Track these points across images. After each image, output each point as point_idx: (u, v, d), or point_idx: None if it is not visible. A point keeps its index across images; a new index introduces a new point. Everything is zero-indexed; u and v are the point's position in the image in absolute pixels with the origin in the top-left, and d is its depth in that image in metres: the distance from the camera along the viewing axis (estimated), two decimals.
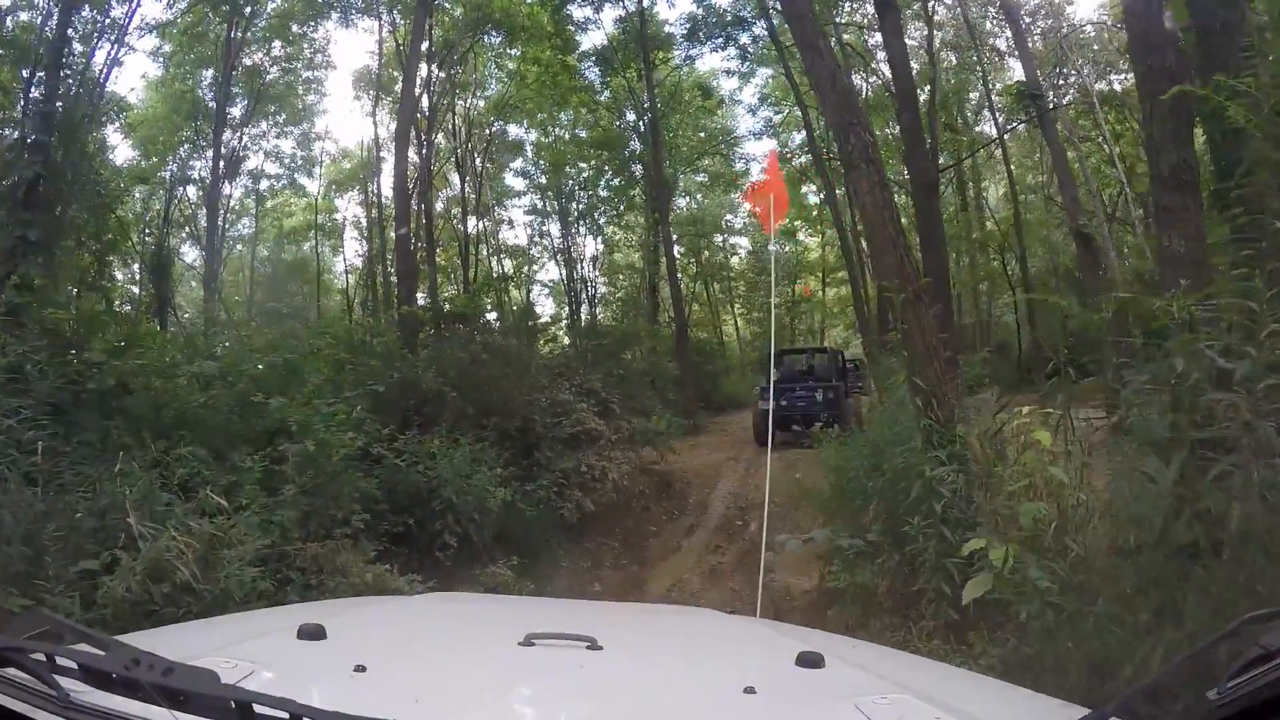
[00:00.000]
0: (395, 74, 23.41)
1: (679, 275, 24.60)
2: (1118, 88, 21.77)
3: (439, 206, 28.66)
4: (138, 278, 25.18)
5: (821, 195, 27.95)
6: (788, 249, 30.85)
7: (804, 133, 26.93)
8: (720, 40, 22.69)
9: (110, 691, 1.06)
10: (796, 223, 31.62)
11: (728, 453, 17.34)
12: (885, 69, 21.52)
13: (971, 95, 25.79)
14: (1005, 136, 23.96)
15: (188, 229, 25.38)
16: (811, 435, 10.32)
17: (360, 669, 1.42)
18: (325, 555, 6.99)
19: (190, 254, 25.79)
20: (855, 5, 22.23)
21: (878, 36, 21.67)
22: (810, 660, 1.60)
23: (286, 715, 1.00)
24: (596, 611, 3.37)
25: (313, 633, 1.62)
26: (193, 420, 8.27)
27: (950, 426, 5.65)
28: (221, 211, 25.38)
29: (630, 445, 12.22)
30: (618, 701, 1.50)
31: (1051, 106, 14.38)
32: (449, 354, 10.68)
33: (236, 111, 24.81)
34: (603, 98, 24.94)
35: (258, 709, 1.00)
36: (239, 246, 30.06)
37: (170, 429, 8.08)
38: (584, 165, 27.28)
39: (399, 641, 1.93)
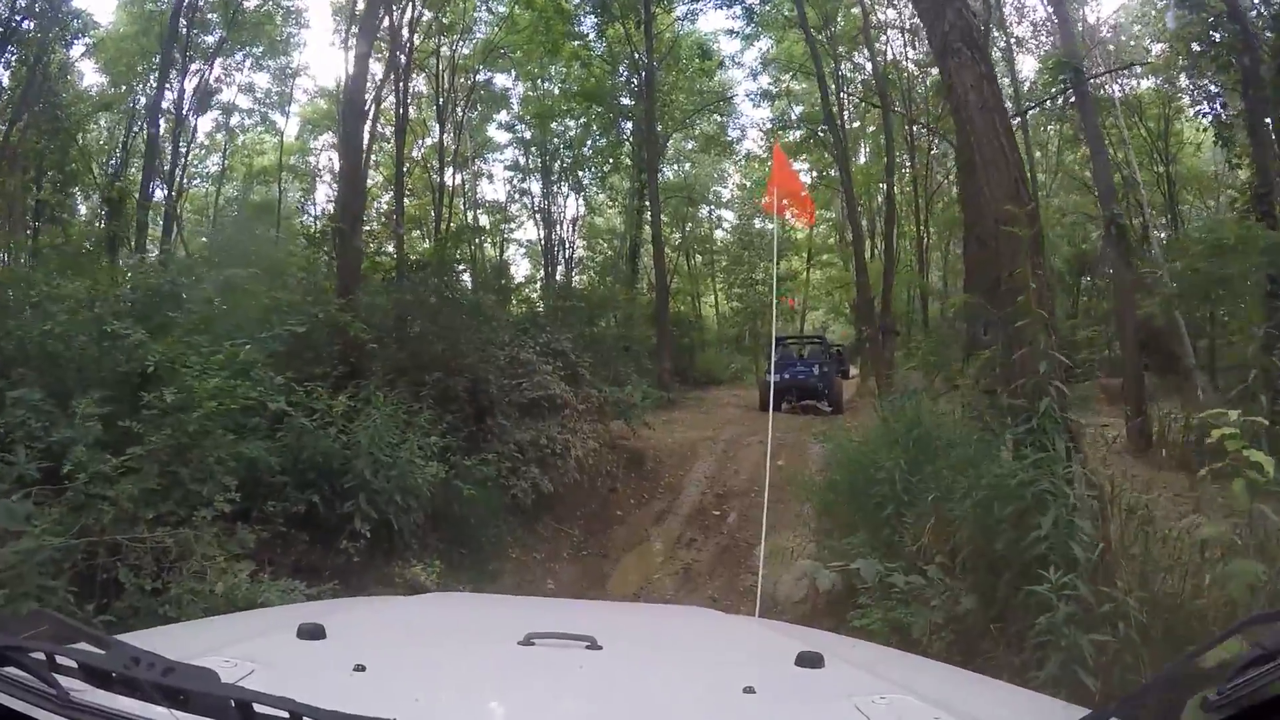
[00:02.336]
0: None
1: (662, 242, 22.42)
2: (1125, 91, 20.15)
3: (415, 154, 26.41)
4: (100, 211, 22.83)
5: (815, 173, 25.98)
6: (771, 225, 28.79)
7: (800, 108, 25.08)
8: None
9: (110, 690, 1.02)
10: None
11: (704, 431, 15.40)
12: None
13: None
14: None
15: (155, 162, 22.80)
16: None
17: (360, 668, 1.33)
18: (178, 547, 4.93)
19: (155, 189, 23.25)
20: None
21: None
22: (810, 660, 1.50)
23: (286, 714, 0.94)
24: (596, 611, 3.23)
25: (312, 632, 1.53)
26: (36, 354, 6.09)
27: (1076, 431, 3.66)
28: (186, 145, 22.93)
29: (599, 417, 10.18)
30: (617, 701, 1.42)
31: (1091, 77, 12.44)
32: (391, 295, 8.48)
33: (210, 40, 22.37)
34: (598, 49, 22.61)
35: (258, 708, 0.95)
36: (206, 184, 27.32)
37: (8, 365, 5.95)
38: (571, 122, 25.05)
39: (399, 641, 1.82)
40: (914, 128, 22.83)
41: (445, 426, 7.74)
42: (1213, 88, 17.73)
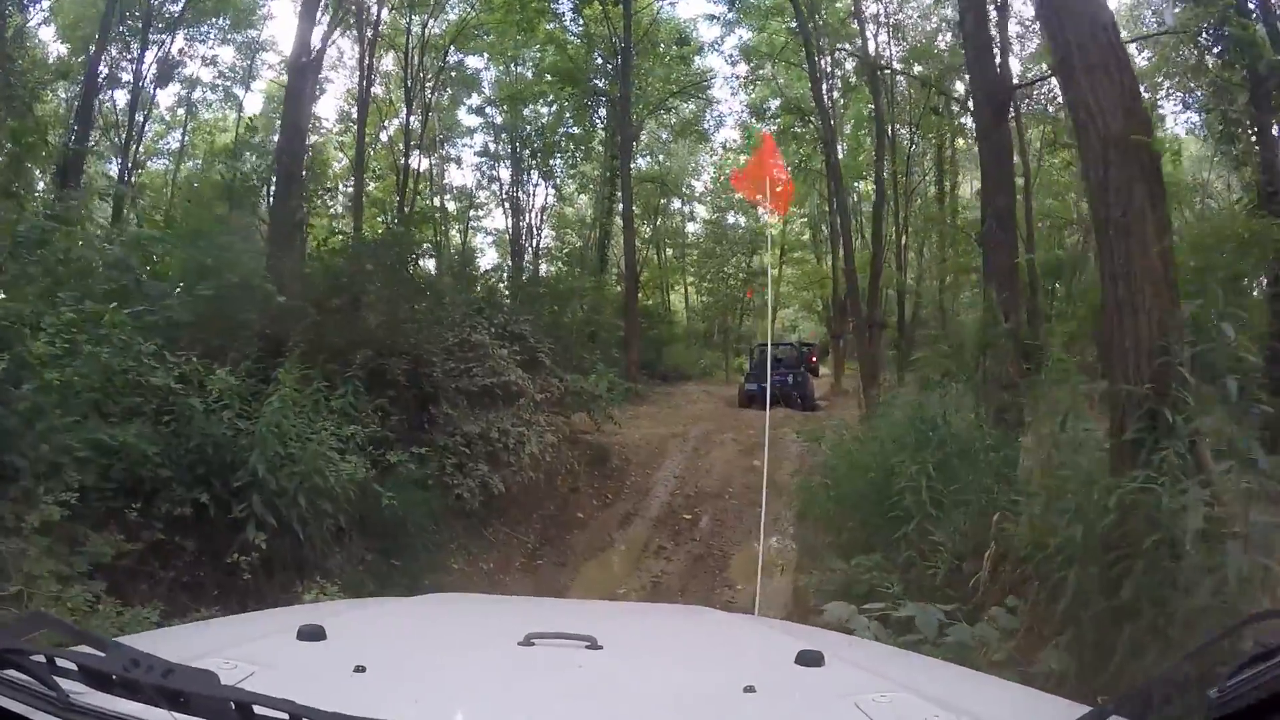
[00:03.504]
0: None
1: (633, 226, 21.15)
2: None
3: (383, 137, 24.98)
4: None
5: (789, 168, 24.89)
6: (745, 221, 27.75)
7: (777, 101, 23.94)
8: None
9: (110, 693, 0.99)
10: (758, 197, 28.40)
11: (673, 427, 14.26)
12: None
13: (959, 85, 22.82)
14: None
15: (111, 135, 21.04)
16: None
17: (360, 669, 1.29)
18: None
19: (111, 165, 21.42)
20: None
21: None
22: (810, 659, 1.44)
23: (287, 716, 0.92)
24: (596, 611, 3.01)
25: (312, 633, 1.48)
26: None
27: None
28: (143, 116, 21.23)
29: (560, 409, 8.91)
30: (618, 701, 1.37)
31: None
32: (324, 261, 7.13)
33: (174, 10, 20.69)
34: (574, 30, 21.40)
35: (258, 710, 0.92)
36: (168, 161, 25.46)
37: None
38: (544, 110, 23.75)
39: (399, 641, 1.74)
40: (894, 125, 21.88)
41: (378, 414, 6.46)
42: (1199, 92, 17.14)
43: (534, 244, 25.21)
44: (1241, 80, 11.84)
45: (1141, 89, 13.56)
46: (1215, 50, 12.28)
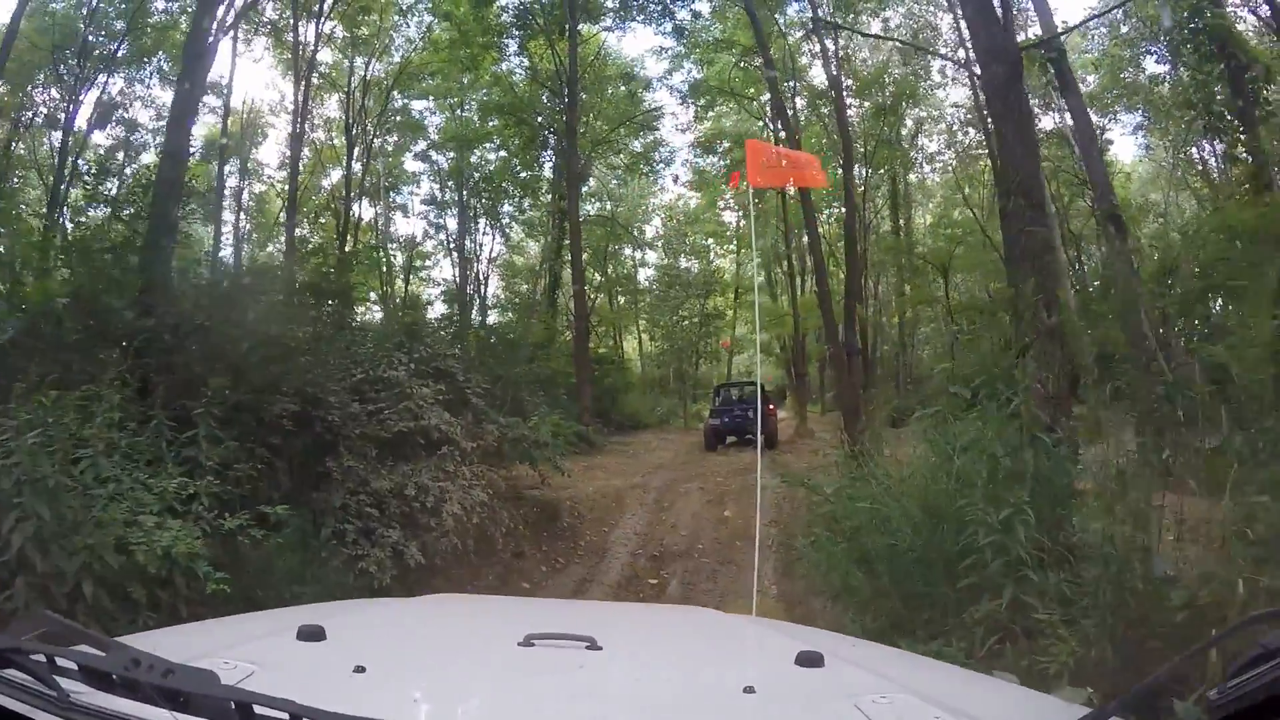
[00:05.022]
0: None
1: (582, 265, 19.87)
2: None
3: (325, 184, 23.57)
4: None
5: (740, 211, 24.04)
6: (697, 266, 26.81)
7: (726, 143, 23.14)
8: (658, 8, 18.31)
9: (110, 692, 0.97)
10: (709, 240, 27.60)
11: (631, 478, 12.81)
12: None
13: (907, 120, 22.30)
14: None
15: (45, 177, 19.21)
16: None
17: (360, 669, 1.27)
18: None
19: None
20: None
21: None
22: (810, 659, 1.42)
23: (287, 716, 0.91)
24: (596, 611, 3.09)
25: (312, 634, 1.47)
26: None
27: None
28: (73, 159, 19.48)
29: (496, 459, 7.33)
30: (617, 701, 1.36)
31: (1063, 32, 10.72)
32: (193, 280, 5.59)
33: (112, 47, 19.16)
34: (520, 65, 20.52)
35: (258, 709, 0.91)
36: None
37: None
38: (490, 156, 22.62)
39: (398, 642, 1.74)
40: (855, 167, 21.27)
41: (258, 466, 4.88)
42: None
43: (482, 292, 23.84)
44: (1220, 74, 11.31)
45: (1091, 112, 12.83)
46: (1189, 46, 11.80)
